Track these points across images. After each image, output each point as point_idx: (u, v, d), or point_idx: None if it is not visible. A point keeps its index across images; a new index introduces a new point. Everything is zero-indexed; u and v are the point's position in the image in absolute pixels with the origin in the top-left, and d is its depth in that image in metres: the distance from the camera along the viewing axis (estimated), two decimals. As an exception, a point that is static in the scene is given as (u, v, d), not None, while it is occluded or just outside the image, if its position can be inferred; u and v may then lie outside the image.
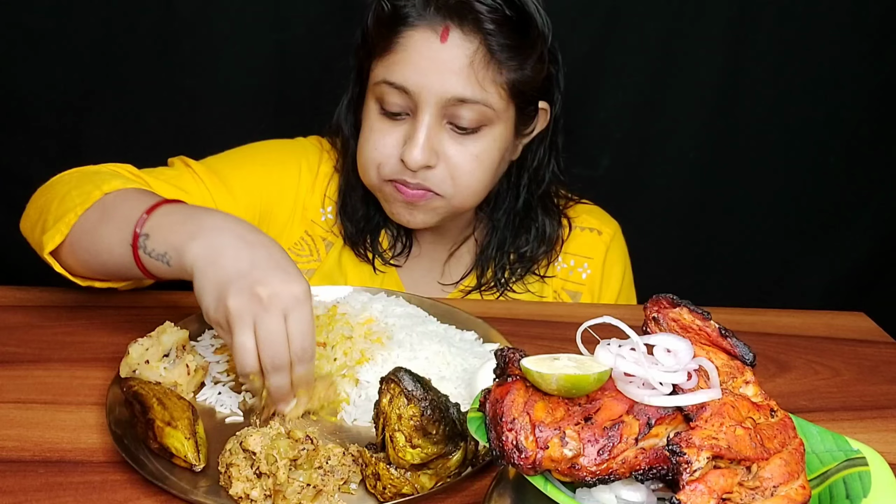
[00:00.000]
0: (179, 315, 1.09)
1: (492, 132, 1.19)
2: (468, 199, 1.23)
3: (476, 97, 1.14)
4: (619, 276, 1.40)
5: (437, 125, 1.17)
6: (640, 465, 0.64)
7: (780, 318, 1.29)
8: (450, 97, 1.14)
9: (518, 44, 1.16)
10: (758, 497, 0.63)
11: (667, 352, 0.68)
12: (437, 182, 1.20)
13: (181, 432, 0.85)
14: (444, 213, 1.25)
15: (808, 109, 1.77)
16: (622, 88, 1.74)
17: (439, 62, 1.13)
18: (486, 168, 1.21)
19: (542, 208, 1.34)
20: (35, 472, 0.84)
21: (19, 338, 1.09)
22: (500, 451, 0.64)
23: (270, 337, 0.85)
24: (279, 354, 0.86)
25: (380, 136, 1.20)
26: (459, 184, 1.20)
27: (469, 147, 1.18)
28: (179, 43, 1.64)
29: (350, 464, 0.85)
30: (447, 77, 1.13)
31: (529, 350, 0.70)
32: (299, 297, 0.86)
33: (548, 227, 1.34)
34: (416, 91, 1.15)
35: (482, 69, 1.14)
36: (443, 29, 1.13)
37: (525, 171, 1.31)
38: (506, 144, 1.22)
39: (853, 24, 1.70)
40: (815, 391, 1.10)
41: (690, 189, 1.83)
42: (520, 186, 1.32)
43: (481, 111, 1.16)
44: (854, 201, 1.86)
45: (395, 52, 1.16)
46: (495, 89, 1.15)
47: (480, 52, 1.13)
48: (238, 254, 0.88)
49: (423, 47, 1.14)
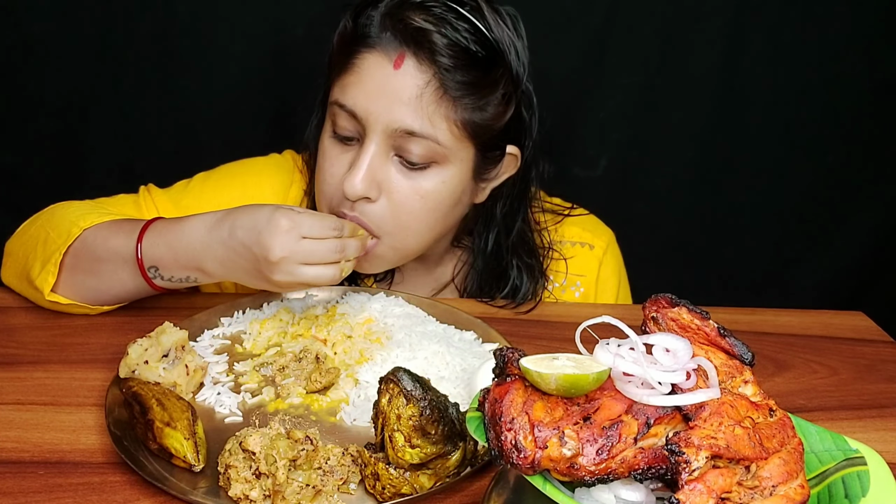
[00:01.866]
0: (179, 315, 1.09)
1: (442, 172, 1.11)
2: (409, 239, 1.14)
3: (424, 132, 1.07)
4: (613, 289, 1.35)
5: (382, 155, 1.09)
6: (638, 464, 0.64)
7: (779, 318, 1.29)
8: (396, 127, 1.07)
9: (477, 82, 1.08)
10: (757, 496, 0.63)
11: (665, 351, 0.68)
12: (375, 218, 1.11)
13: (180, 433, 0.85)
14: (391, 258, 1.17)
15: (806, 109, 1.77)
16: (621, 89, 1.74)
17: (389, 89, 1.06)
18: (431, 209, 1.12)
19: (517, 261, 1.25)
20: (35, 473, 0.84)
21: (19, 339, 1.09)
22: (499, 451, 0.64)
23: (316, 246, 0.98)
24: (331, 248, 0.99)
25: (329, 162, 1.14)
26: (399, 222, 1.12)
27: (415, 183, 1.10)
28: (179, 45, 1.64)
29: (349, 464, 0.85)
30: (395, 106, 1.06)
31: (529, 350, 0.70)
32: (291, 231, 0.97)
33: (521, 286, 1.25)
34: (363, 116, 1.08)
35: (432, 103, 1.06)
36: (397, 55, 1.06)
37: (493, 218, 1.23)
38: (460, 187, 1.14)
39: (852, 24, 1.70)
40: (813, 390, 1.10)
41: (689, 189, 1.83)
42: (488, 233, 1.24)
43: (430, 147, 1.08)
44: (852, 201, 1.87)
45: (349, 73, 1.10)
46: (447, 126, 1.08)
47: (432, 86, 1.06)
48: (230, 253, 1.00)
49: (375, 72, 1.07)
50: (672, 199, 1.84)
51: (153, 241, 1.05)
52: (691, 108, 1.75)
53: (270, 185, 1.30)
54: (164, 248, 1.05)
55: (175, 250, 1.04)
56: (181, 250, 1.04)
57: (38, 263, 1.10)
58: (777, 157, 1.81)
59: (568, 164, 1.37)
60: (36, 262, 1.10)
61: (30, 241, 1.14)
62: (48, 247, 1.10)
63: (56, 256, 1.08)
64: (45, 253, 1.10)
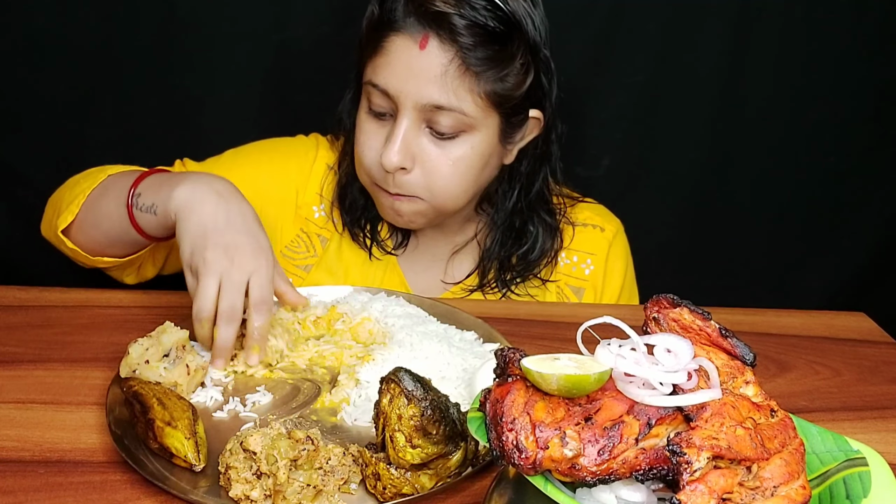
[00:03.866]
0: (179, 315, 1.09)
1: (470, 139, 1.20)
2: (448, 201, 1.24)
3: (451, 105, 1.16)
4: (621, 272, 1.41)
5: (415, 128, 1.18)
6: (640, 465, 0.64)
7: (781, 319, 1.29)
8: (425, 103, 1.16)
9: (497, 56, 1.16)
10: (758, 497, 0.63)
11: (667, 352, 0.68)
12: (413, 186, 1.21)
13: (181, 432, 0.85)
14: (429, 215, 1.26)
15: (808, 109, 1.76)
16: (623, 88, 1.73)
17: (417, 69, 1.15)
18: (463, 173, 1.22)
19: (537, 218, 1.34)
20: (35, 472, 0.84)
21: (20, 338, 1.09)
22: (501, 451, 0.64)
23: (232, 287, 0.99)
24: (235, 304, 1.00)
25: (366, 136, 1.23)
26: (434, 188, 1.22)
27: (447, 151, 1.20)
28: (180, 44, 1.64)
29: (350, 464, 0.85)
30: (423, 84, 1.15)
31: (529, 350, 0.70)
32: (262, 265, 1.01)
33: (541, 239, 1.35)
34: (395, 95, 1.17)
35: (456, 79, 1.15)
36: (422, 37, 1.15)
37: (516, 176, 1.32)
38: (488, 150, 1.23)
39: (854, 24, 1.70)
40: (815, 391, 1.10)
41: (691, 189, 1.83)
42: (512, 190, 1.33)
43: (457, 118, 1.17)
44: (855, 201, 1.86)
45: (380, 55, 1.18)
46: (471, 98, 1.16)
47: (455, 63, 1.14)
48: (216, 208, 1.03)
49: (403, 54, 1.16)
50: (674, 199, 1.83)
51: (162, 174, 1.13)
52: (694, 108, 1.75)
53: (297, 163, 1.38)
54: (165, 177, 1.11)
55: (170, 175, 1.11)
56: (174, 176, 1.10)
57: (63, 205, 1.20)
58: (780, 157, 1.80)
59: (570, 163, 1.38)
60: (62, 205, 1.20)
61: (66, 189, 1.24)
62: (75, 190, 1.20)
63: (80, 199, 1.17)
64: (70, 196, 1.20)
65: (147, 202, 1.09)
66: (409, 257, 1.38)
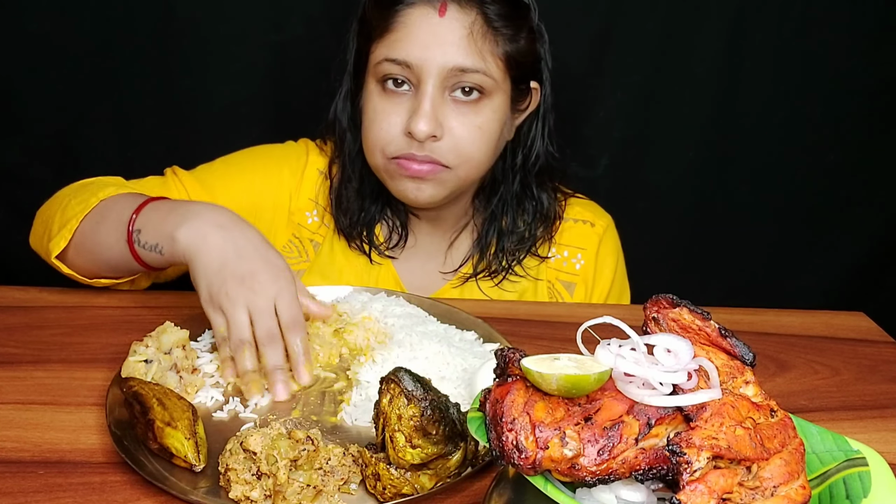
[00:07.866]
0: (179, 315, 1.09)
1: (491, 103, 1.23)
2: (472, 170, 1.26)
3: (476, 66, 1.19)
4: (612, 267, 1.42)
5: (439, 97, 1.20)
6: (640, 465, 0.64)
7: (780, 318, 1.29)
8: (451, 67, 1.18)
9: (512, 13, 1.21)
10: (758, 497, 0.63)
11: (667, 352, 0.68)
12: (443, 153, 1.22)
13: (181, 432, 0.85)
14: (451, 187, 1.27)
15: (807, 109, 1.77)
16: (621, 88, 1.74)
17: (439, 35, 1.18)
18: (488, 139, 1.24)
19: (538, 186, 1.37)
20: (35, 473, 0.84)
21: (19, 338, 1.09)
22: (500, 452, 0.64)
23: (262, 314, 0.98)
24: (271, 328, 0.99)
25: (384, 116, 1.23)
26: (463, 154, 1.23)
27: (471, 118, 1.22)
28: (178, 46, 1.64)
29: (350, 464, 0.84)
30: (447, 49, 1.18)
31: (529, 350, 0.70)
32: (283, 286, 1.00)
33: (545, 202, 1.37)
34: (418, 64, 1.19)
35: (480, 38, 1.18)
36: (440, 4, 1.18)
37: (519, 149, 1.34)
38: (504, 117, 1.26)
39: (852, 23, 1.70)
40: (814, 391, 1.10)
41: (689, 189, 1.83)
42: (515, 167, 1.35)
43: (482, 80, 1.20)
44: (853, 201, 1.86)
45: (395, 30, 1.20)
46: (493, 60, 1.20)
47: (478, 23, 1.18)
48: (223, 243, 1.01)
49: (422, 23, 1.19)
50: (673, 199, 1.83)
51: (157, 205, 1.10)
52: (692, 107, 1.75)
53: (289, 169, 1.38)
54: (162, 212, 1.08)
55: (166, 210, 1.08)
56: (171, 210, 1.07)
57: (55, 227, 1.17)
58: (778, 156, 1.80)
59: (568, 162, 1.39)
60: (54, 227, 1.17)
61: (55, 207, 1.20)
62: (66, 213, 1.17)
63: (72, 223, 1.14)
64: (62, 219, 1.16)
65: (150, 241, 1.07)
66: (407, 256, 1.39)
